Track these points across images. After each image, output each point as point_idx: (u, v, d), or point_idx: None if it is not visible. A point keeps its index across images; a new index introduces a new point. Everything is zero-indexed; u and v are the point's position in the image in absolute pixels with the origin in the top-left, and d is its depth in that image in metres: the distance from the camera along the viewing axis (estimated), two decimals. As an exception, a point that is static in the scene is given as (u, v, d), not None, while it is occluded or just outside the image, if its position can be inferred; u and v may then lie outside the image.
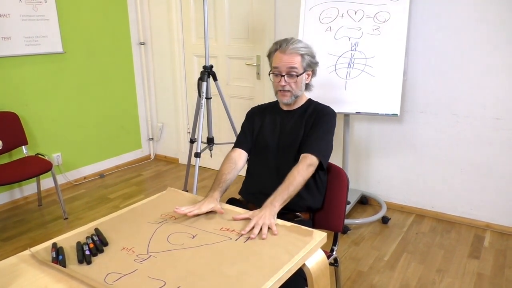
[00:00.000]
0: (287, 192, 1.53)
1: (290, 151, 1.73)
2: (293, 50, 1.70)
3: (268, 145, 1.79)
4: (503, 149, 2.67)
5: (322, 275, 1.30)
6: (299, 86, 1.74)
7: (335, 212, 1.72)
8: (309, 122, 1.75)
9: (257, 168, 1.81)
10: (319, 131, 1.71)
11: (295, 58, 1.70)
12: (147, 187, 3.70)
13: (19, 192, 3.37)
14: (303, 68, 1.73)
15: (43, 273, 1.14)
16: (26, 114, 3.30)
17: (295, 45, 1.70)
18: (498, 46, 2.55)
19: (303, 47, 1.72)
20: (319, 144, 1.68)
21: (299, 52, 1.70)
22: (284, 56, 1.70)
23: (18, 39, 3.16)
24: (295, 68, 1.70)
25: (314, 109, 1.79)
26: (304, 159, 1.64)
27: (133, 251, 1.24)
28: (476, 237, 2.72)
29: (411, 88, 2.88)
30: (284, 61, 1.70)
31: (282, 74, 1.71)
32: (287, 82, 1.71)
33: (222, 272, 1.13)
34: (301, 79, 1.73)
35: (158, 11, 3.97)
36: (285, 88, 1.73)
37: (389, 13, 2.61)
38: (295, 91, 1.74)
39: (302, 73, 1.72)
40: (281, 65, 1.70)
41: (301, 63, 1.71)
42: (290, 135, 1.76)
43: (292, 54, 1.70)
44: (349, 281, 2.28)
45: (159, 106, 4.31)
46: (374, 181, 3.20)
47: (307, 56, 1.73)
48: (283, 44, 1.71)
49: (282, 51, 1.70)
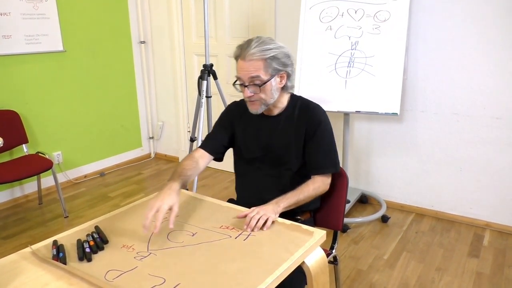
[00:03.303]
0: (296, 199, 1.52)
1: (283, 163, 1.64)
2: (253, 56, 1.48)
3: (256, 157, 1.67)
4: (503, 148, 2.68)
5: (321, 273, 1.31)
6: (268, 94, 1.54)
7: (335, 210, 1.72)
8: (300, 128, 1.61)
9: (252, 181, 1.70)
10: (324, 145, 1.60)
11: (257, 65, 1.48)
12: (147, 185, 3.71)
13: (19, 191, 3.38)
14: (269, 74, 1.51)
15: (44, 270, 1.15)
16: (26, 113, 3.30)
17: (255, 49, 1.48)
18: (498, 46, 2.55)
19: (267, 50, 1.48)
20: (331, 158, 1.62)
21: (260, 58, 1.48)
22: (244, 63, 1.50)
23: (19, 38, 3.16)
24: (258, 76, 1.49)
25: (301, 112, 1.62)
26: (322, 179, 1.60)
27: (133, 249, 1.25)
28: (476, 236, 2.73)
29: (411, 87, 2.89)
30: (245, 69, 1.50)
31: (245, 84, 1.53)
32: (252, 93, 1.53)
33: (222, 269, 1.13)
34: (269, 87, 1.52)
35: (159, 10, 3.98)
36: (252, 99, 1.55)
37: (389, 12, 2.62)
38: (264, 100, 1.55)
39: (268, 80, 1.51)
40: (242, 74, 1.52)
41: (265, 69, 1.49)
42: (280, 147, 1.63)
43: (252, 61, 1.48)
44: (349, 280, 2.28)
45: (159, 104, 4.31)
46: (374, 180, 3.21)
47: (273, 59, 1.49)
48: (243, 48, 1.51)
49: (242, 57, 1.50)
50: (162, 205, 1.32)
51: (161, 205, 1.32)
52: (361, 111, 2.66)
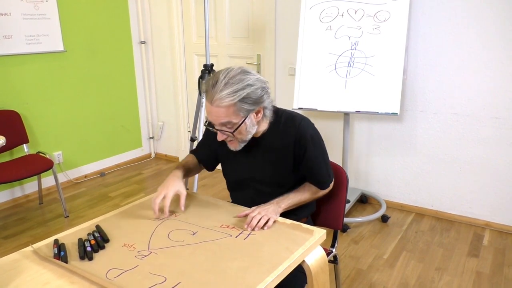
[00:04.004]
0: (298, 200, 1.53)
1: (273, 182, 1.56)
2: (220, 103, 1.32)
3: (243, 179, 1.60)
4: (502, 148, 2.68)
5: (321, 272, 1.32)
6: (244, 133, 1.43)
7: (335, 210, 1.73)
8: (287, 144, 1.50)
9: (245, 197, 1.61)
10: (320, 160, 1.53)
11: (225, 111, 1.34)
12: (148, 185, 3.72)
13: (20, 190, 3.38)
14: (241, 117, 1.37)
15: (45, 269, 1.15)
16: (27, 113, 3.31)
17: (223, 92, 1.31)
18: (498, 45, 2.56)
19: (235, 92, 1.32)
20: (328, 172, 1.57)
21: (229, 103, 1.32)
22: (212, 108, 1.36)
23: (19, 38, 3.17)
24: (229, 122, 1.37)
25: (287, 128, 1.50)
26: (322, 191, 1.59)
27: (134, 248, 1.26)
28: (475, 236, 2.73)
29: (410, 87, 2.89)
30: (214, 115, 1.37)
31: (216, 129, 1.41)
32: (226, 135, 1.43)
33: (222, 268, 1.14)
34: (243, 128, 1.40)
35: (159, 10, 3.98)
36: (227, 140, 1.46)
37: (389, 12, 2.62)
38: (240, 139, 1.45)
39: (241, 123, 1.38)
40: (212, 119, 1.39)
41: (236, 112, 1.35)
42: (266, 169, 1.54)
43: (219, 107, 1.34)
44: (349, 279, 2.29)
45: (159, 104, 4.32)
46: (373, 180, 3.21)
47: (244, 100, 1.34)
48: (209, 88, 1.35)
49: (209, 100, 1.35)
50: (168, 191, 1.45)
51: (167, 191, 1.44)
52: (361, 111, 2.67)
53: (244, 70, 1.39)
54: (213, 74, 1.40)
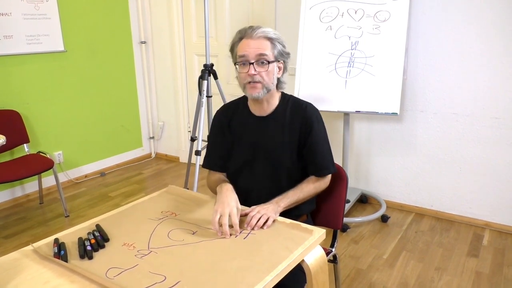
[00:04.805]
0: (296, 198, 1.52)
1: (277, 163, 1.59)
2: (262, 34, 1.48)
3: (248, 159, 1.62)
4: (502, 148, 2.68)
5: (321, 271, 1.32)
6: (270, 77, 1.51)
7: (335, 210, 1.73)
8: (293, 127, 1.57)
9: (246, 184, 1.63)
10: (322, 145, 1.58)
11: (265, 43, 1.48)
12: (148, 185, 3.72)
13: (20, 190, 3.39)
14: (274, 56, 1.51)
15: (45, 268, 1.16)
16: (27, 113, 3.31)
17: (264, 29, 1.50)
18: (498, 45, 2.56)
19: (273, 33, 1.52)
20: (330, 158, 1.61)
21: (268, 36, 1.49)
22: (251, 41, 1.47)
23: (20, 38, 3.17)
24: (265, 54, 1.48)
25: (294, 111, 1.59)
26: (323, 180, 1.59)
27: (134, 247, 1.26)
28: (475, 236, 2.74)
29: (410, 87, 2.89)
30: (252, 47, 1.47)
31: (250, 61, 1.47)
32: (257, 72, 1.48)
33: (222, 267, 1.14)
34: (272, 69, 1.51)
35: (159, 10, 3.99)
36: (255, 79, 1.48)
37: (389, 12, 2.62)
38: (266, 83, 1.50)
39: (273, 61, 1.50)
40: (249, 52, 1.47)
41: (272, 49, 1.50)
42: (273, 147, 1.58)
43: (260, 38, 1.48)
44: (348, 279, 2.29)
45: (159, 104, 4.32)
46: (373, 180, 3.21)
47: (278, 43, 1.52)
48: (248, 30, 1.50)
49: (249, 36, 1.48)
50: (232, 208, 1.36)
51: (230, 208, 1.36)
52: (361, 111, 2.67)
53: None
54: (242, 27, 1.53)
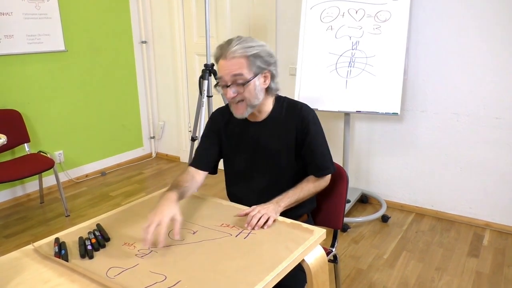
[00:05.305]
0: (296, 197, 1.52)
1: (275, 169, 1.58)
2: (235, 54, 1.41)
3: (246, 166, 1.61)
4: (502, 148, 2.68)
5: (321, 271, 1.32)
6: (252, 94, 1.46)
7: (335, 210, 1.73)
8: (289, 129, 1.55)
9: (246, 190, 1.62)
10: (320, 145, 1.57)
11: (239, 63, 1.42)
12: (148, 185, 3.72)
13: (21, 190, 3.39)
14: (253, 73, 1.44)
15: (46, 267, 1.16)
16: (28, 112, 3.32)
17: (237, 46, 1.42)
18: (498, 45, 2.56)
19: (249, 47, 1.43)
20: (329, 158, 1.60)
21: (242, 55, 1.42)
22: (226, 63, 1.43)
23: (21, 37, 3.18)
24: (241, 74, 1.42)
25: (289, 112, 1.56)
26: (323, 178, 1.59)
27: (134, 246, 1.26)
28: (475, 236, 2.73)
29: (411, 87, 2.89)
30: (227, 68, 1.43)
31: (227, 84, 1.45)
32: (236, 92, 1.45)
33: (222, 267, 1.14)
34: (253, 86, 1.45)
35: (160, 10, 3.99)
36: (236, 100, 1.47)
37: (390, 12, 2.62)
38: (249, 101, 1.47)
39: (251, 79, 1.44)
40: (224, 74, 1.44)
41: (249, 66, 1.43)
42: (269, 153, 1.57)
43: (234, 58, 1.42)
44: (349, 279, 2.29)
45: (160, 104, 4.32)
46: (374, 180, 3.21)
47: (256, 57, 1.44)
48: (224, 48, 1.44)
49: (224, 56, 1.43)
50: (163, 218, 1.26)
51: (161, 218, 1.25)
52: (361, 111, 2.67)
53: (254, 38, 1.51)
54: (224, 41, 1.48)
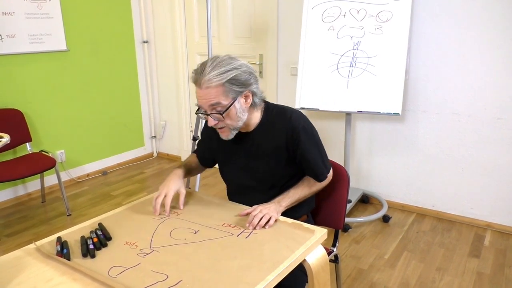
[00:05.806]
0: (298, 196, 1.53)
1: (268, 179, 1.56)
2: (209, 83, 1.36)
3: (238, 181, 1.63)
4: (504, 149, 2.68)
5: (322, 271, 1.32)
6: (234, 119, 1.43)
7: (336, 210, 1.73)
8: (280, 138, 1.51)
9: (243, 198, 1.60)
10: (314, 152, 1.53)
11: (214, 92, 1.37)
12: (150, 184, 3.73)
13: (22, 189, 3.40)
14: (231, 98, 1.39)
15: (48, 266, 1.16)
16: (30, 111, 3.32)
17: (210, 74, 1.35)
18: (500, 46, 2.56)
19: (223, 73, 1.36)
20: (325, 163, 1.57)
21: (217, 83, 1.36)
22: (201, 92, 1.38)
23: (23, 37, 3.18)
24: (219, 103, 1.39)
25: (279, 121, 1.52)
26: (321, 183, 1.59)
27: (136, 246, 1.26)
28: (477, 236, 2.73)
29: (412, 88, 2.89)
30: (204, 98, 1.39)
31: (207, 113, 1.42)
32: (216, 120, 1.43)
33: (224, 266, 1.15)
34: (233, 111, 1.41)
35: (161, 10, 3.99)
36: (218, 126, 1.46)
37: (391, 12, 2.62)
38: (232, 125, 1.45)
39: (230, 105, 1.40)
40: (202, 103, 1.40)
41: (225, 94, 1.38)
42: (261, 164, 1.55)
43: (209, 88, 1.36)
44: (350, 279, 2.29)
45: (161, 104, 4.33)
46: (375, 180, 3.21)
47: (232, 82, 1.38)
48: (198, 74, 1.39)
49: (198, 85, 1.39)
50: (168, 190, 1.50)
51: (167, 190, 1.50)
52: (363, 111, 2.67)
53: (231, 56, 1.43)
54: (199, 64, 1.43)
